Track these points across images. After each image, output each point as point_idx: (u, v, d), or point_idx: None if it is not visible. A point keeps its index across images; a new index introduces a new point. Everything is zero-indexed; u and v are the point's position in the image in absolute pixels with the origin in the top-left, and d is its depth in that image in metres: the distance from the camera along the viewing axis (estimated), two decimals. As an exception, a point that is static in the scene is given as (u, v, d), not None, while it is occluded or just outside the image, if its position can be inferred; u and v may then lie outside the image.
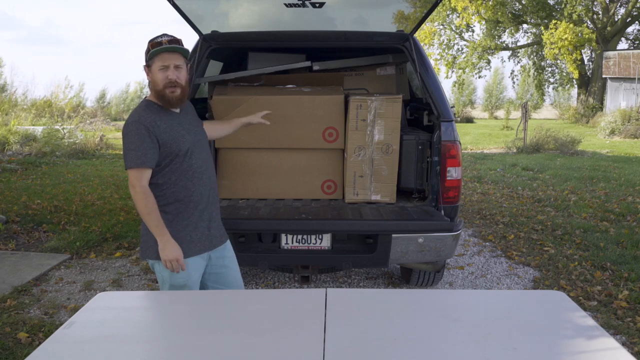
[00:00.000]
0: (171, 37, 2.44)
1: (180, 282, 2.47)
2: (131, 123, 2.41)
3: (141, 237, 2.55)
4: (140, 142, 2.37)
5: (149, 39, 2.45)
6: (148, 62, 2.44)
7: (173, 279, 2.46)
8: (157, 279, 2.59)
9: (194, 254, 2.50)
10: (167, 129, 2.43)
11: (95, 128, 16.02)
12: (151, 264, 2.53)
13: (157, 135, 2.39)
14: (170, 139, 2.42)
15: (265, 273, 4.53)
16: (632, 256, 4.82)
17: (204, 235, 2.54)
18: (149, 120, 2.40)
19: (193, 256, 2.49)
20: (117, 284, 4.31)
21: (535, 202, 7.31)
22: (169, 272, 2.45)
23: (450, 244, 3.32)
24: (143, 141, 2.37)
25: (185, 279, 2.47)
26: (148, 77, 2.47)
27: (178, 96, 2.44)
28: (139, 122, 2.39)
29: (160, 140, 2.40)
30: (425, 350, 1.54)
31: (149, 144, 2.37)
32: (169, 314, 1.90)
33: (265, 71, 4.19)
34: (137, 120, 2.41)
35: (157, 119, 2.42)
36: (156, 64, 2.41)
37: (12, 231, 5.69)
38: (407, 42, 3.80)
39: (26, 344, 3.22)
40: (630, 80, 22.82)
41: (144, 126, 2.38)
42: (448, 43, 28.92)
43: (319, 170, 3.83)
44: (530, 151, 13.25)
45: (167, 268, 2.43)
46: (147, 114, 2.43)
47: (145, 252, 2.52)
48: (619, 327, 3.49)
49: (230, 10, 3.88)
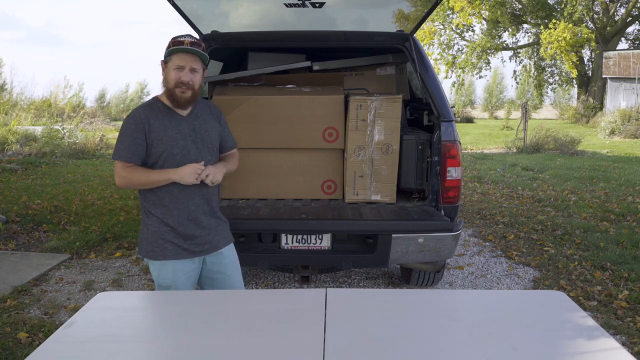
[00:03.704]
0: (194, 39, 2.42)
1: (167, 282, 2.47)
2: (127, 116, 2.44)
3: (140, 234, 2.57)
4: (127, 136, 2.39)
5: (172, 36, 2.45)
6: (166, 58, 2.42)
7: (160, 279, 2.47)
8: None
9: (184, 257, 2.48)
10: (158, 130, 2.40)
11: (95, 128, 16.01)
12: (146, 262, 2.56)
13: (147, 133, 2.38)
14: (158, 140, 2.40)
15: (265, 273, 4.53)
16: (632, 256, 4.82)
17: (193, 241, 2.50)
18: (143, 117, 2.40)
19: (180, 259, 2.48)
20: (117, 284, 4.31)
21: (535, 202, 7.31)
22: (157, 272, 2.47)
23: (450, 244, 3.32)
24: (129, 136, 2.38)
25: (171, 280, 2.47)
26: (163, 73, 2.45)
27: (188, 98, 2.42)
28: (133, 117, 2.41)
29: (148, 140, 2.39)
30: (426, 350, 1.54)
31: (135, 140, 2.37)
32: (169, 314, 1.89)
33: (265, 71, 4.19)
34: (132, 115, 2.43)
35: (153, 117, 2.41)
36: (173, 61, 2.39)
37: (12, 231, 5.69)
38: (407, 42, 3.80)
39: (26, 344, 3.22)
40: (630, 80, 22.82)
41: (135, 122, 2.39)
42: (448, 43, 28.92)
43: (319, 170, 3.83)
44: (530, 151, 13.25)
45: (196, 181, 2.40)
46: (145, 111, 2.43)
47: (140, 249, 2.55)
48: (619, 327, 3.49)
49: (230, 10, 3.88)
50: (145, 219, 2.49)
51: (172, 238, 2.45)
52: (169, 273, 2.46)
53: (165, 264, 2.46)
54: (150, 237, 2.45)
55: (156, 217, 2.45)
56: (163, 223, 2.45)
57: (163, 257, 2.45)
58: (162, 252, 2.45)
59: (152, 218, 2.46)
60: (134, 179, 2.39)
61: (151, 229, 2.46)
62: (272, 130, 3.71)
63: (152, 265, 2.49)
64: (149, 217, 2.47)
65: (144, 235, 2.48)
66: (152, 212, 2.45)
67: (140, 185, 2.43)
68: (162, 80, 2.46)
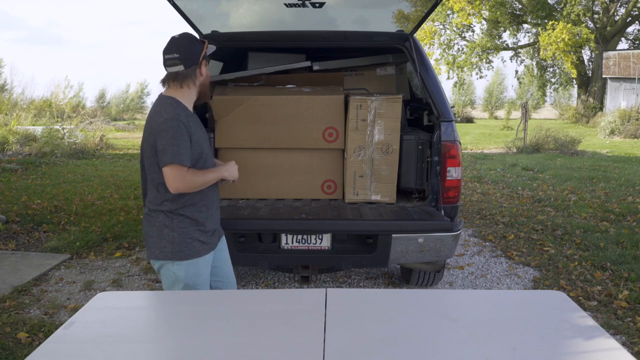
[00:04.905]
0: None
1: (194, 280, 2.48)
2: (172, 119, 2.32)
3: (150, 238, 2.49)
4: (182, 139, 2.31)
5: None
6: (206, 57, 2.46)
7: (188, 278, 2.46)
8: (162, 280, 2.56)
9: (206, 252, 2.53)
10: (196, 131, 2.41)
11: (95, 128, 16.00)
12: (160, 265, 2.50)
13: (191, 136, 2.37)
14: (197, 142, 2.40)
15: (265, 273, 4.53)
16: (632, 256, 4.82)
17: (213, 235, 2.58)
18: (184, 120, 2.35)
19: (205, 255, 2.52)
20: (117, 284, 4.31)
21: (535, 202, 7.31)
22: (184, 273, 2.45)
23: (450, 244, 3.32)
24: (183, 139, 2.32)
25: (199, 278, 2.50)
26: (199, 70, 2.43)
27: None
28: (178, 120, 2.32)
29: (192, 142, 2.37)
30: (425, 350, 1.54)
31: (187, 142, 2.34)
32: (169, 314, 1.90)
33: (265, 71, 4.20)
34: (176, 117, 2.33)
35: (188, 119, 2.39)
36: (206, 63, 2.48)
37: (12, 231, 5.69)
38: (407, 42, 3.80)
39: (26, 344, 3.22)
40: (630, 80, 22.82)
41: (183, 125, 2.33)
42: (448, 43, 28.92)
43: (319, 170, 3.83)
44: (530, 151, 13.25)
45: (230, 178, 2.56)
46: (182, 112, 2.38)
47: (156, 253, 2.47)
48: (619, 327, 3.49)
49: (230, 10, 3.89)
50: (169, 222, 2.44)
51: (198, 235, 2.48)
52: (198, 270, 2.49)
53: (195, 262, 2.48)
54: (177, 238, 2.44)
55: (184, 217, 2.45)
56: (191, 221, 2.46)
57: (192, 256, 2.46)
58: (191, 251, 2.46)
59: (179, 219, 2.44)
60: (196, 181, 2.38)
61: (178, 231, 2.43)
62: (272, 130, 3.71)
63: (179, 266, 2.46)
64: (176, 218, 2.44)
65: (168, 238, 2.43)
66: (180, 213, 2.44)
67: (200, 186, 2.42)
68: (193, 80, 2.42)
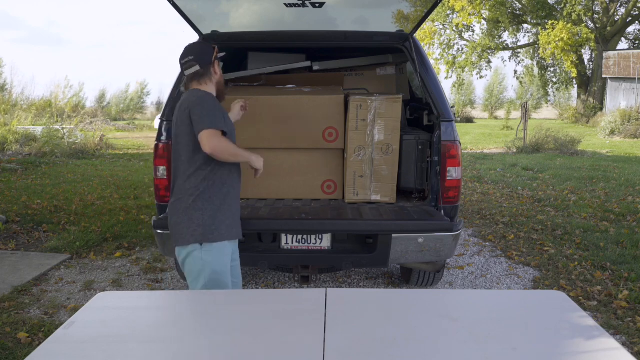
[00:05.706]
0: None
1: (221, 267, 2.54)
2: (207, 94, 2.57)
3: (178, 225, 2.56)
4: (218, 109, 2.54)
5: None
6: (216, 58, 2.68)
7: (215, 263, 2.52)
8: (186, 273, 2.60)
9: (232, 237, 2.61)
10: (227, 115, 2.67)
11: (95, 128, 16.01)
12: (187, 254, 2.54)
13: (224, 113, 2.60)
14: (229, 123, 2.63)
15: (265, 273, 4.53)
16: (632, 256, 4.82)
17: (238, 222, 2.68)
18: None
19: (231, 240, 2.59)
20: (117, 284, 4.31)
21: (535, 202, 7.31)
22: (212, 257, 2.52)
23: (450, 244, 3.32)
24: (220, 110, 2.55)
25: (225, 264, 2.57)
26: (213, 69, 2.65)
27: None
28: (213, 97, 2.61)
29: (225, 118, 2.58)
30: (425, 350, 1.54)
31: (225, 114, 2.61)
32: (169, 314, 1.90)
33: (265, 71, 4.20)
34: (211, 95, 2.61)
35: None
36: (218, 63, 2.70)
37: (12, 231, 5.69)
38: (407, 42, 3.80)
39: (26, 344, 3.22)
40: (630, 80, 22.83)
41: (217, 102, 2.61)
42: (448, 43, 28.93)
43: (319, 170, 3.83)
44: (530, 151, 13.25)
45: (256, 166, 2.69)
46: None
47: (187, 238, 2.53)
48: (619, 327, 3.49)
49: (230, 10, 3.88)
50: (201, 205, 2.53)
51: (226, 219, 2.56)
52: (223, 256, 2.55)
53: (222, 246, 2.54)
54: (207, 220, 2.52)
55: (216, 199, 2.54)
56: (223, 203, 2.56)
57: (221, 238, 2.54)
58: (220, 233, 2.53)
59: (209, 202, 2.53)
60: (230, 147, 2.51)
61: (208, 214, 2.52)
62: (272, 130, 3.71)
63: (208, 251, 2.52)
64: (207, 202, 2.53)
65: (199, 222, 2.51)
66: (212, 196, 2.54)
67: (231, 155, 2.54)
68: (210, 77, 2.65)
